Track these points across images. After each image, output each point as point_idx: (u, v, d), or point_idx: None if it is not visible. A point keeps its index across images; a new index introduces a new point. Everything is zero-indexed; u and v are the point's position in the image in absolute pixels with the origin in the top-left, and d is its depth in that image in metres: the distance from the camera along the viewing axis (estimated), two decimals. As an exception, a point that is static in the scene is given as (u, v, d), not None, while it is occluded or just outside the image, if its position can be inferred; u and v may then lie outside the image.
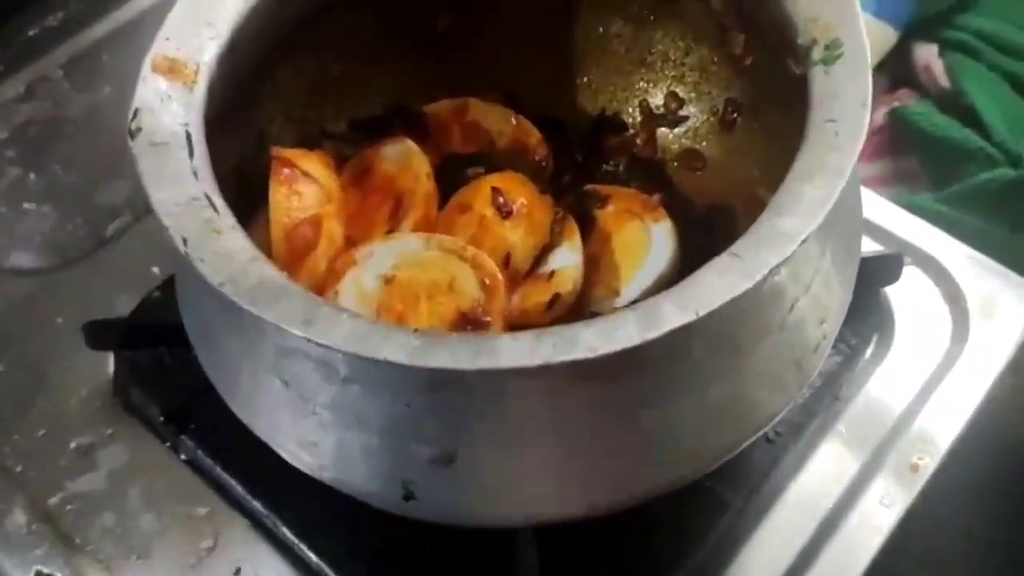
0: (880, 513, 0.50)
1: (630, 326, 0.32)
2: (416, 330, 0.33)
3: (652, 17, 0.55)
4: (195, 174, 0.38)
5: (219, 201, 0.37)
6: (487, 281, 0.45)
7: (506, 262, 0.48)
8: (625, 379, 0.35)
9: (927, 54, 0.78)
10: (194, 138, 0.39)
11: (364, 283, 0.45)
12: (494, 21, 0.56)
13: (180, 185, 0.37)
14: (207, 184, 0.38)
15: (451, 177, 0.53)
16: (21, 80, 0.68)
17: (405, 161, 0.51)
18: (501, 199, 0.49)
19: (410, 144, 0.52)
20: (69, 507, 0.51)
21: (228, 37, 0.43)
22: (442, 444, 0.36)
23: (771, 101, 0.51)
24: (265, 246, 0.46)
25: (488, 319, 0.45)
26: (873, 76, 0.78)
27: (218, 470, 0.51)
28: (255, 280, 0.34)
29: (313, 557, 0.49)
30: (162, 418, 0.53)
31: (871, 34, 0.75)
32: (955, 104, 0.74)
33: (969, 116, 0.73)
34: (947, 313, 0.56)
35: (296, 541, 0.49)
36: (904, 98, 0.77)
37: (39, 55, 0.70)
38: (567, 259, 0.49)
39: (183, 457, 0.52)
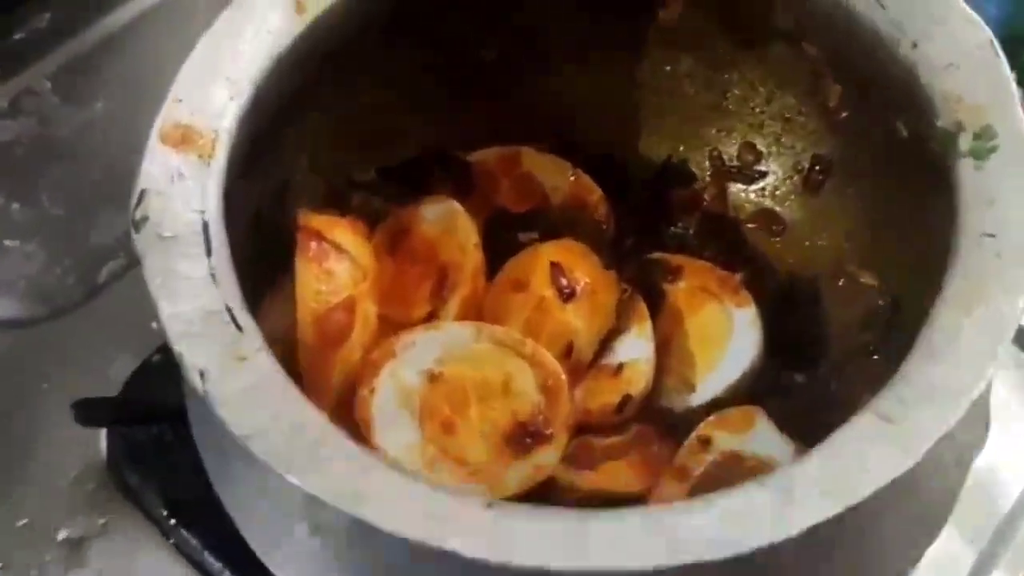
0: None
1: (763, 513, 0.26)
2: (490, 503, 0.27)
3: (730, 57, 0.49)
4: (213, 277, 0.31)
5: (243, 316, 0.31)
6: (549, 382, 0.40)
7: (568, 352, 0.42)
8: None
9: None
10: (212, 229, 0.32)
11: (405, 379, 0.40)
12: (547, 52, 0.50)
13: (195, 294, 0.31)
14: (228, 292, 0.31)
15: (498, 239, 0.46)
16: (4, 93, 0.61)
17: (450, 225, 0.45)
18: (563, 278, 0.43)
19: (454, 205, 0.45)
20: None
21: (251, 94, 0.36)
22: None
23: (869, 164, 0.45)
24: (288, 324, 0.40)
25: (550, 431, 0.38)
26: None
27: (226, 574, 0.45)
28: (289, 430, 0.28)
29: None
30: (163, 508, 0.47)
31: None
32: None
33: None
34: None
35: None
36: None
37: (26, 64, 0.62)
38: (637, 350, 0.43)
39: (186, 554, 0.46)
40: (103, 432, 0.49)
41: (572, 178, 0.49)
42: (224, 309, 0.30)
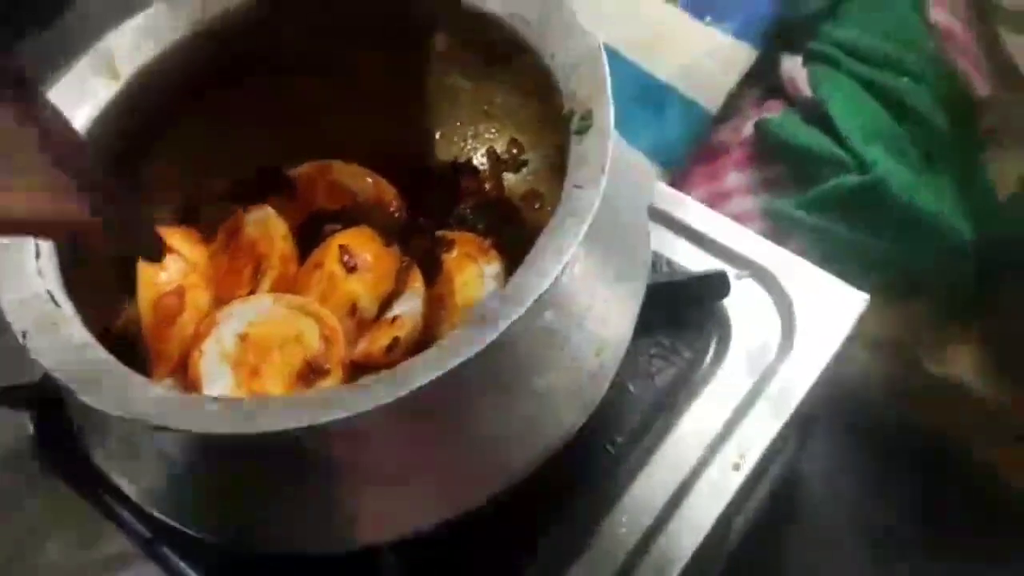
0: (706, 506, 0.56)
1: (383, 387, 0.38)
2: (216, 399, 0.40)
3: (485, 72, 0.61)
4: (39, 272, 0.44)
5: (60, 296, 0.44)
6: (327, 333, 0.52)
7: (352, 311, 0.55)
8: (398, 427, 0.42)
9: (792, 65, 0.83)
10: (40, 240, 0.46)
11: (224, 341, 0.52)
12: (353, 83, 0.62)
13: (27, 284, 0.44)
14: (50, 281, 0.44)
15: (316, 233, 0.59)
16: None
17: (265, 224, 0.58)
18: (347, 256, 0.56)
19: (268, 209, 0.58)
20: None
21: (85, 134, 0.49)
22: (256, 495, 0.43)
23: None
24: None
25: (328, 366, 0.51)
26: (744, 89, 0.84)
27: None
28: (82, 364, 0.41)
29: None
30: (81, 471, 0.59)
31: (730, 55, 0.81)
32: (817, 113, 0.79)
33: (829, 124, 0.78)
34: (777, 321, 0.62)
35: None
36: (773, 109, 0.83)
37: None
38: (408, 304, 0.55)
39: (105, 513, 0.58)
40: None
41: (371, 181, 0.62)
42: (46, 292, 0.44)
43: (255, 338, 0.52)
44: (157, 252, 0.45)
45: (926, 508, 0.78)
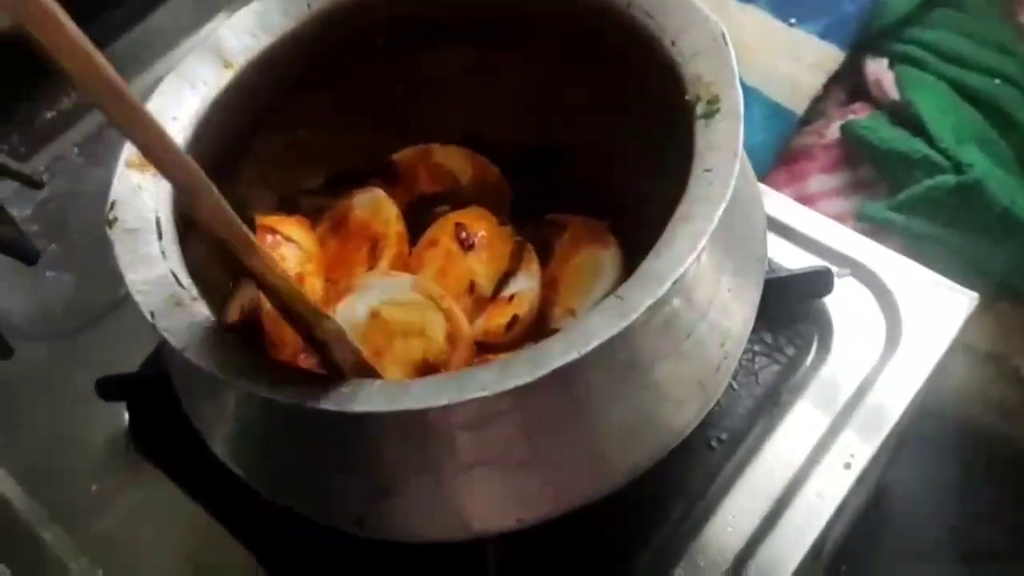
0: (817, 505, 0.54)
1: (522, 367, 0.37)
2: (344, 380, 0.39)
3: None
4: (163, 254, 0.44)
5: (184, 277, 0.43)
6: (453, 332, 0.51)
7: (471, 289, 0.54)
8: (531, 409, 0.41)
9: (878, 68, 0.82)
10: (163, 224, 0.45)
11: (357, 312, 0.51)
12: (443, 83, 0.62)
13: (150, 266, 0.44)
14: (174, 263, 0.44)
15: (421, 216, 0.59)
16: (41, 159, 0.76)
17: (376, 207, 0.57)
18: (464, 233, 0.55)
19: (378, 191, 0.58)
20: (94, 543, 0.57)
21: (192, 130, 0.49)
22: (378, 478, 0.42)
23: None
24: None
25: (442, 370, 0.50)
26: (828, 91, 0.83)
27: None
28: (210, 343, 0.40)
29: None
30: (174, 462, 0.60)
31: (816, 57, 0.80)
32: (905, 115, 0.78)
33: (917, 125, 0.76)
34: (882, 320, 0.61)
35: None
36: (859, 111, 0.82)
37: (56, 135, 0.78)
38: (525, 284, 0.55)
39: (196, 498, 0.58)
40: (124, 407, 0.62)
41: (472, 162, 0.60)
42: (170, 273, 0.43)
43: (385, 318, 0.51)
44: None
45: (1019, 522, 0.76)
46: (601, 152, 0.61)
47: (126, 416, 0.62)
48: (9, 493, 0.60)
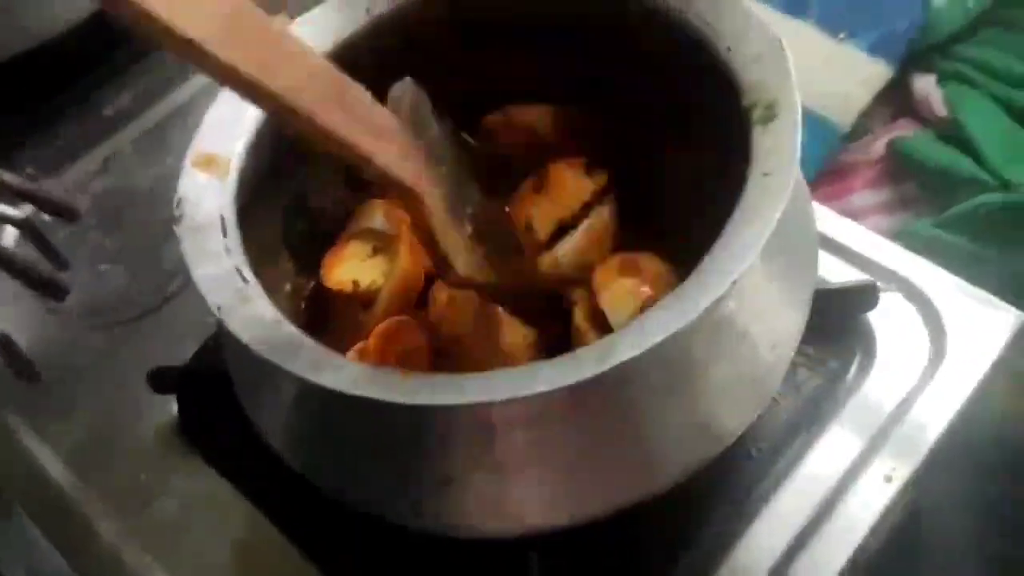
0: (857, 518, 0.54)
1: (589, 361, 0.38)
2: (406, 372, 0.40)
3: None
4: (228, 251, 0.45)
5: (248, 273, 0.44)
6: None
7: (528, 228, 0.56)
8: (591, 406, 0.41)
9: (925, 85, 0.82)
10: (227, 221, 0.46)
11: None
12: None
13: (216, 261, 0.45)
14: (238, 259, 0.45)
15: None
16: (98, 156, 0.78)
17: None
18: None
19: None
20: (142, 531, 0.59)
21: (255, 130, 0.50)
22: (440, 469, 0.43)
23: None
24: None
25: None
26: (874, 108, 0.83)
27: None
28: (275, 337, 0.41)
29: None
30: (222, 453, 0.61)
31: (864, 72, 0.80)
32: (953, 132, 0.78)
33: (965, 143, 0.76)
34: (926, 336, 0.61)
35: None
36: (904, 128, 0.82)
37: (112, 133, 0.80)
38: (570, 242, 0.56)
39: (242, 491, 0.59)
40: (174, 399, 0.63)
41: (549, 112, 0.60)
42: (235, 269, 0.44)
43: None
44: None
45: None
46: (652, 163, 0.62)
47: (175, 408, 0.63)
48: (62, 480, 0.61)
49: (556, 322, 0.54)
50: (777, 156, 0.43)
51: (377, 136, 0.42)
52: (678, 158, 0.56)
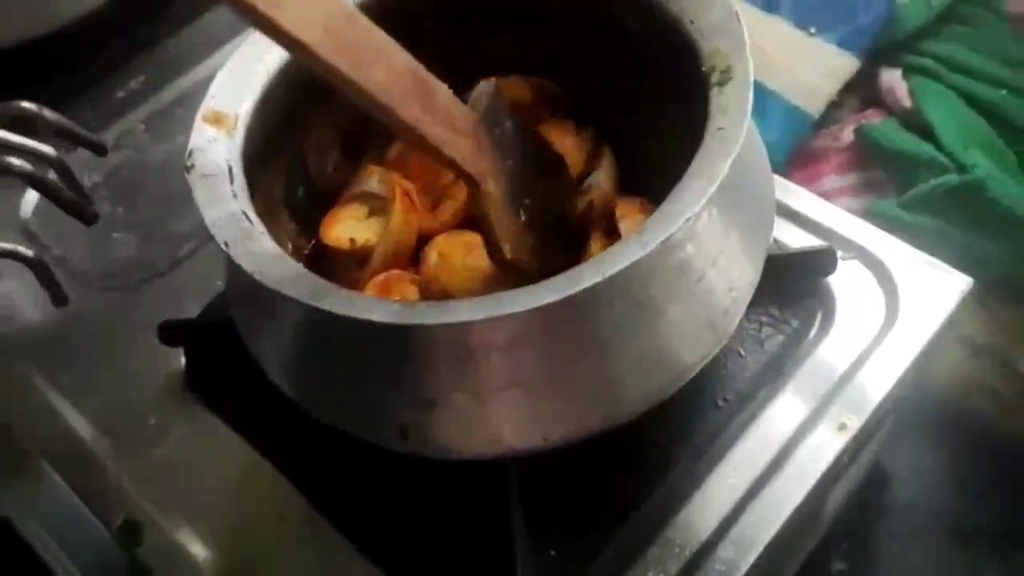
0: (811, 463, 0.59)
1: (557, 287, 0.43)
2: (397, 300, 0.44)
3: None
4: (235, 196, 0.50)
5: (252, 215, 0.49)
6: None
7: None
8: (560, 331, 0.46)
9: (891, 78, 0.87)
10: (234, 170, 0.51)
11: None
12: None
13: (224, 205, 0.49)
14: (244, 203, 0.50)
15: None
16: (111, 134, 0.83)
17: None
18: None
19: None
20: (150, 470, 0.63)
21: (260, 93, 0.55)
22: (423, 391, 0.47)
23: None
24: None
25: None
26: (843, 98, 0.88)
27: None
28: (277, 269, 0.46)
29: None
30: (227, 402, 0.65)
31: (833, 63, 0.85)
32: (916, 121, 0.83)
33: (927, 131, 0.81)
34: (882, 298, 0.65)
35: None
36: (871, 117, 0.87)
37: (125, 113, 0.85)
38: (598, 178, 0.62)
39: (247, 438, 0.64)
40: (181, 352, 0.68)
41: (528, 84, 0.65)
42: (241, 212, 0.49)
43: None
44: None
45: (1009, 505, 0.79)
46: (631, 132, 0.67)
47: (183, 360, 0.68)
48: (78, 425, 0.66)
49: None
50: (731, 113, 0.48)
51: (452, 130, 0.48)
52: (650, 120, 0.61)
